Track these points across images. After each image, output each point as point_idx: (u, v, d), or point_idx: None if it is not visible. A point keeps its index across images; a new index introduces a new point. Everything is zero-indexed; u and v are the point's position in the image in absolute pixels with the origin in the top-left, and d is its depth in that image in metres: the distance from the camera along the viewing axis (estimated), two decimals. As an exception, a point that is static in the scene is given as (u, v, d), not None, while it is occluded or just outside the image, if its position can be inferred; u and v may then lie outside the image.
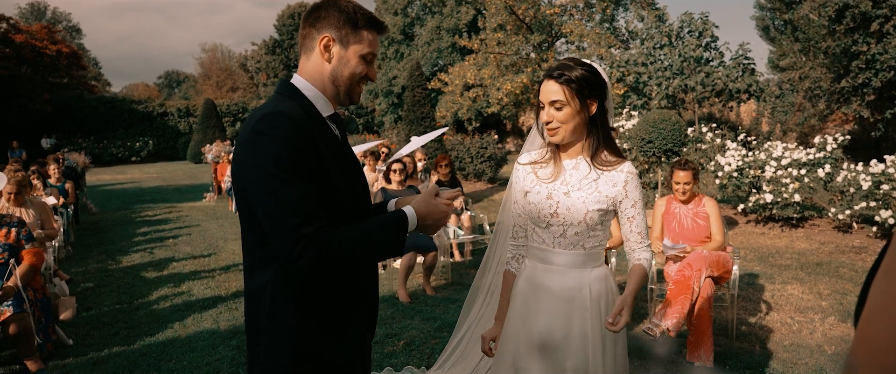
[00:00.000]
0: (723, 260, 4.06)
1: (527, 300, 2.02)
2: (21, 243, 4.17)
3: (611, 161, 1.96)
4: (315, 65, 1.62)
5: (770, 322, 4.67)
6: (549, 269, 2.00)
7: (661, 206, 4.43)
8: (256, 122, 1.48)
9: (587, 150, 1.99)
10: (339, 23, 1.59)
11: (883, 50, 11.88)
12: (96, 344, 4.47)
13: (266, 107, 1.53)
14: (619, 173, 1.95)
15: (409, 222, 1.61)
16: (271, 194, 1.42)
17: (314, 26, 1.61)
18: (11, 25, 25.24)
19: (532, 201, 2.01)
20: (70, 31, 45.15)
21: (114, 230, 9.84)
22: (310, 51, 1.63)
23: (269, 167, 1.42)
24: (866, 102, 12.80)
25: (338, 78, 1.63)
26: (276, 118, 1.46)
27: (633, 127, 8.77)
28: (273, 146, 1.43)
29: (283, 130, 1.44)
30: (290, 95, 1.60)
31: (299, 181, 1.43)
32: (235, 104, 32.81)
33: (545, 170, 2.02)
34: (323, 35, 1.60)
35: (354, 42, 1.62)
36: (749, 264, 6.38)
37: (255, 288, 1.57)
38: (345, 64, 1.62)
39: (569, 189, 1.96)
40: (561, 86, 1.89)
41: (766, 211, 7.93)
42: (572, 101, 1.89)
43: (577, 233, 1.96)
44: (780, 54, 18.69)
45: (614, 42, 20.82)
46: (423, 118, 13.75)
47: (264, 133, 1.45)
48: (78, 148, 22.63)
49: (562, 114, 1.90)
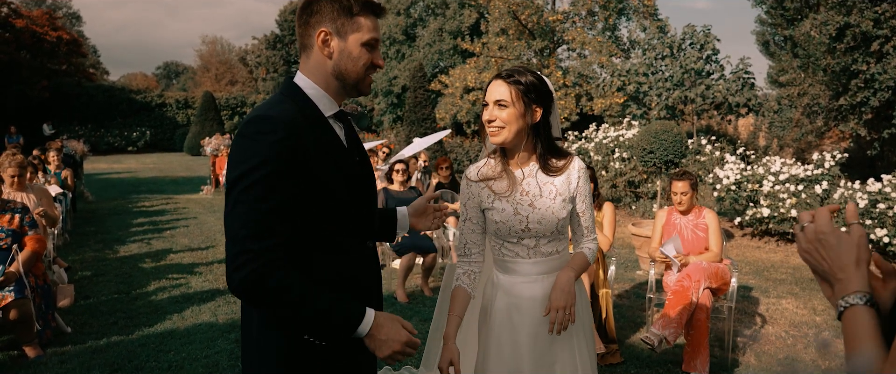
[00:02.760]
0: (721, 272, 4.10)
1: (512, 315, 2.02)
2: (24, 229, 4.17)
3: (560, 165, 1.99)
4: (316, 62, 1.57)
5: (765, 335, 4.72)
6: (525, 280, 2.02)
7: (663, 216, 4.47)
8: (245, 124, 1.46)
9: (535, 158, 2.00)
10: (333, 14, 1.53)
11: (882, 70, 11.98)
12: (95, 333, 4.47)
13: (260, 108, 1.50)
14: (572, 171, 2.00)
15: (360, 327, 1.48)
16: (237, 198, 1.40)
17: (309, 22, 1.55)
18: (12, 10, 25.13)
19: (497, 219, 1.98)
20: (70, 18, 44.95)
21: (110, 220, 9.82)
22: (309, 48, 1.57)
23: (245, 171, 1.40)
24: (864, 120, 12.90)
25: (342, 72, 1.57)
26: (264, 123, 1.44)
27: (635, 137, 8.82)
28: (253, 151, 1.41)
29: (267, 135, 1.41)
30: (290, 95, 1.56)
31: (269, 193, 1.39)
32: (234, 98, 32.75)
33: (500, 183, 1.99)
34: (319, 30, 1.54)
35: (353, 31, 1.55)
36: (745, 277, 6.43)
37: None
38: (347, 56, 1.56)
39: (532, 200, 1.96)
40: (509, 86, 1.90)
41: (762, 225, 7.99)
42: (517, 103, 1.90)
43: (550, 241, 2.00)
44: (780, 70, 18.81)
45: (616, 51, 20.90)
46: (424, 119, 13.78)
47: (248, 137, 1.44)
48: (75, 136, 22.55)
49: (505, 114, 1.90)
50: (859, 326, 0.94)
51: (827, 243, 1.01)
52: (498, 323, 2.04)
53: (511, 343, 2.00)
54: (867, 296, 0.96)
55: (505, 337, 2.02)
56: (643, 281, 6.06)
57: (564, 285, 1.91)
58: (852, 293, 0.96)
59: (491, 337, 2.05)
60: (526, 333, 1.99)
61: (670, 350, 4.18)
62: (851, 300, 0.96)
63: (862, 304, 0.95)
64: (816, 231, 1.02)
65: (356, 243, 1.64)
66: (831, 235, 1.00)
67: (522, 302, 2.00)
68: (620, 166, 10.80)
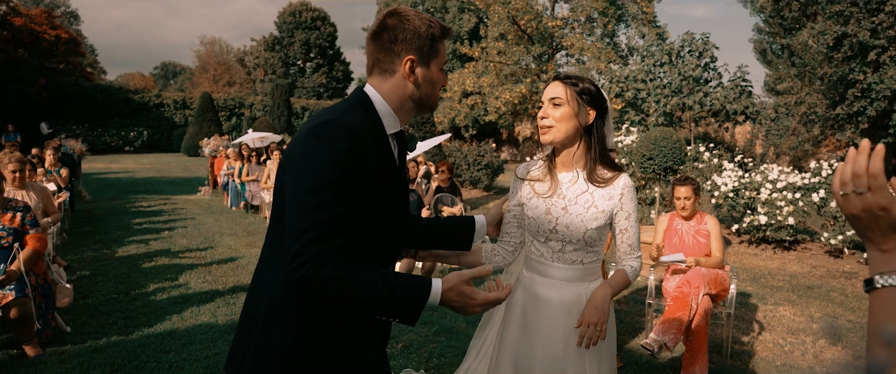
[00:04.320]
0: (720, 278, 4.13)
1: (526, 311, 2.05)
2: (26, 227, 4.17)
3: (607, 177, 1.98)
4: (395, 85, 1.60)
5: (763, 342, 4.74)
6: (547, 281, 2.04)
7: (664, 222, 4.50)
8: (318, 124, 1.47)
9: (583, 164, 2.00)
10: (419, 42, 1.57)
11: (879, 80, 12.07)
12: (94, 333, 4.47)
13: (332, 112, 1.52)
14: (615, 187, 1.98)
15: (430, 300, 1.48)
16: (302, 199, 1.41)
17: (392, 49, 1.58)
18: (11, 8, 25.09)
19: (530, 215, 2.04)
20: (68, 17, 44.89)
21: (108, 220, 9.80)
22: (389, 73, 1.60)
23: (312, 173, 1.41)
24: (860, 129, 13.00)
25: (423, 97, 1.63)
26: (337, 127, 1.45)
27: (633, 143, 8.85)
28: (323, 154, 1.42)
29: (339, 140, 1.43)
30: (361, 105, 1.58)
31: (335, 196, 1.41)
32: (232, 99, 32.73)
33: (543, 185, 2.04)
34: (406, 58, 1.57)
35: (434, 57, 1.62)
36: (742, 284, 6.46)
37: (264, 278, 1.55)
38: (429, 82, 1.63)
39: (566, 204, 1.98)
40: (564, 86, 1.95)
41: (759, 232, 8.03)
42: (571, 102, 1.93)
43: (576, 249, 1.99)
44: (777, 78, 18.91)
45: (614, 57, 20.97)
46: (423, 123, 13.80)
47: (320, 137, 1.44)
48: (73, 135, 22.51)
49: (558, 112, 1.93)
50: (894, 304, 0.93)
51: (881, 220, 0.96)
52: (513, 318, 2.08)
53: (524, 342, 2.03)
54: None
55: (515, 333, 2.05)
56: (641, 287, 6.09)
57: (599, 302, 1.92)
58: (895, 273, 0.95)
59: (506, 331, 2.10)
60: (538, 332, 2.00)
61: (669, 356, 4.20)
62: (893, 281, 0.94)
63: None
64: (878, 205, 0.95)
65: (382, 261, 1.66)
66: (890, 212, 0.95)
67: (539, 302, 2.02)
68: (618, 172, 10.82)
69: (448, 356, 4.16)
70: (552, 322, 1.99)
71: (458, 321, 4.91)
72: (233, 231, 8.98)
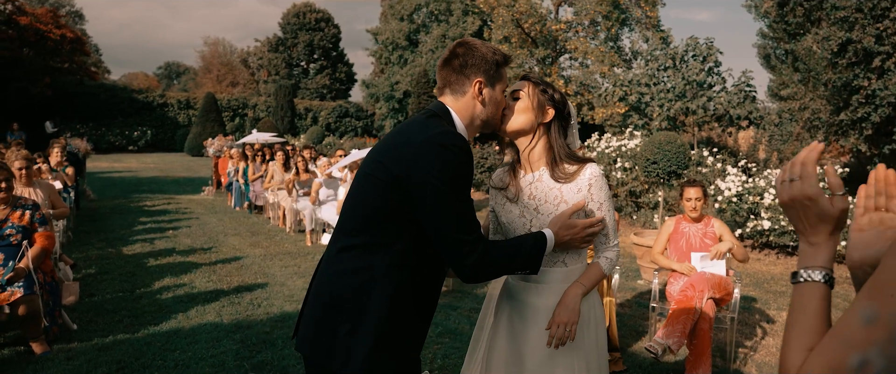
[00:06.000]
0: (724, 283, 4.14)
1: (512, 318, 2.03)
2: (35, 225, 4.20)
3: (571, 171, 1.96)
4: (466, 104, 1.83)
5: (766, 347, 4.75)
6: (531, 287, 2.01)
7: (670, 225, 4.52)
8: (438, 134, 1.66)
9: (545, 162, 2.00)
10: (486, 67, 1.81)
11: (883, 86, 12.06)
12: (100, 330, 4.49)
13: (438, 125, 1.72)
14: (582, 179, 1.95)
15: (547, 242, 1.83)
16: (447, 203, 1.64)
17: (463, 73, 1.81)
18: (17, 7, 25.19)
19: (504, 220, 2.04)
20: (73, 16, 45.05)
21: (113, 219, 9.84)
22: (460, 94, 1.83)
23: (448, 178, 1.63)
24: (864, 136, 12.98)
25: (488, 116, 1.87)
26: (459, 138, 1.68)
27: (638, 147, 8.87)
28: (454, 160, 1.64)
29: (462, 151, 1.66)
30: (448, 120, 1.80)
31: (466, 196, 1.69)
32: (236, 99, 32.81)
33: (510, 189, 2.04)
34: (475, 80, 1.80)
35: (499, 81, 1.85)
36: (745, 289, 6.46)
37: (352, 267, 1.72)
38: (494, 103, 1.86)
39: (537, 204, 1.98)
40: (527, 82, 2.00)
41: (763, 237, 8.04)
42: (531, 96, 1.96)
43: (556, 250, 1.95)
44: (780, 84, 18.90)
45: (618, 61, 20.99)
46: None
47: (447, 147, 1.65)
48: (77, 134, 22.58)
49: (517, 103, 1.97)
50: (812, 301, 0.95)
51: (809, 209, 0.99)
52: (501, 325, 2.08)
53: (513, 350, 2.01)
54: (829, 274, 0.96)
55: (504, 341, 2.04)
56: (644, 290, 6.10)
57: (570, 301, 1.91)
58: (818, 268, 0.97)
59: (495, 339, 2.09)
60: (526, 341, 1.98)
61: (672, 360, 4.21)
62: (814, 276, 0.96)
63: (822, 282, 0.96)
64: (803, 194, 0.99)
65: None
66: (817, 203, 0.98)
67: (525, 309, 2.01)
68: (622, 176, 10.86)
69: (452, 358, 4.17)
70: (540, 327, 1.96)
71: (462, 322, 4.92)
72: (236, 231, 9.00)
